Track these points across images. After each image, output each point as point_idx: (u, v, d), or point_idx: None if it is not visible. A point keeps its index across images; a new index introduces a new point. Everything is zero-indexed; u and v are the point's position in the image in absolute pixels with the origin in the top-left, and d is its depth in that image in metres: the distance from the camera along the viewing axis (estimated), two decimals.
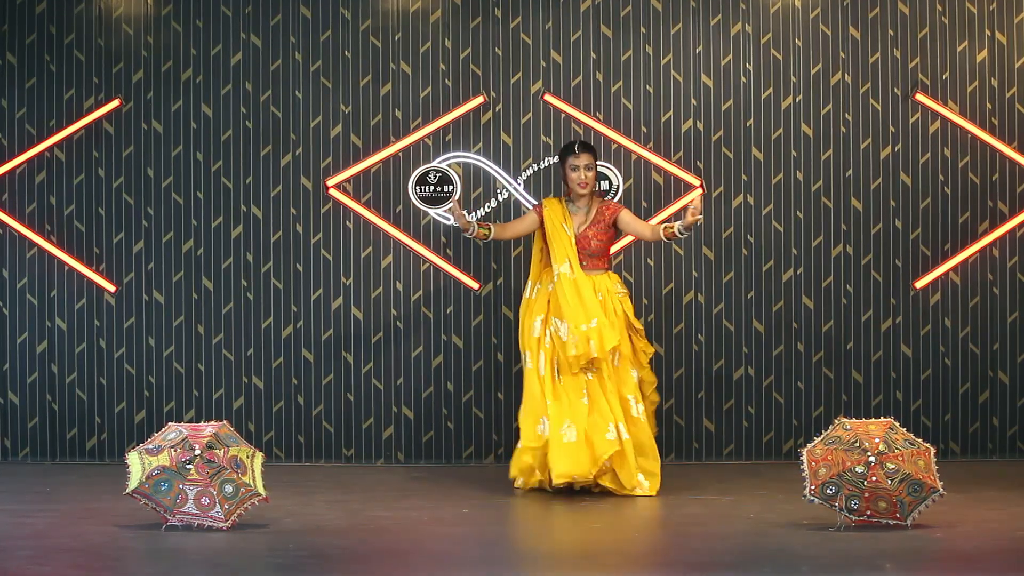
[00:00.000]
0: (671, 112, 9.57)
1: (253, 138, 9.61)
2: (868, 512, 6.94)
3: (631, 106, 9.56)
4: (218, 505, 6.95)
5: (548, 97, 9.53)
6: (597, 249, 8.60)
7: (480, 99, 9.53)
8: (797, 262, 9.57)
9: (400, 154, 9.57)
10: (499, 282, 9.55)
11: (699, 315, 9.56)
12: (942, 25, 9.56)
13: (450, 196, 9.44)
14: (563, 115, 9.53)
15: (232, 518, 6.98)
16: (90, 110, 9.60)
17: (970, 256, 9.54)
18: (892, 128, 9.56)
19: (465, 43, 9.59)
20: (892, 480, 6.87)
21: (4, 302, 9.63)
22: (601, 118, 9.54)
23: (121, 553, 6.58)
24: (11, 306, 9.62)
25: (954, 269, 9.55)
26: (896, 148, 9.56)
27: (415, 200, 9.53)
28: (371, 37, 9.61)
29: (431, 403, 9.58)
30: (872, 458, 6.87)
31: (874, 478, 6.86)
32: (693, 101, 9.56)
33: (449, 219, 9.48)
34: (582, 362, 8.39)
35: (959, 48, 9.55)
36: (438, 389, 9.58)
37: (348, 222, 9.59)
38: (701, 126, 9.56)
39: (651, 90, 9.57)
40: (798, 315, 9.57)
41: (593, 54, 9.57)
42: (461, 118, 9.57)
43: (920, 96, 9.51)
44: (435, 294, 9.58)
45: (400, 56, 9.60)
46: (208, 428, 7.11)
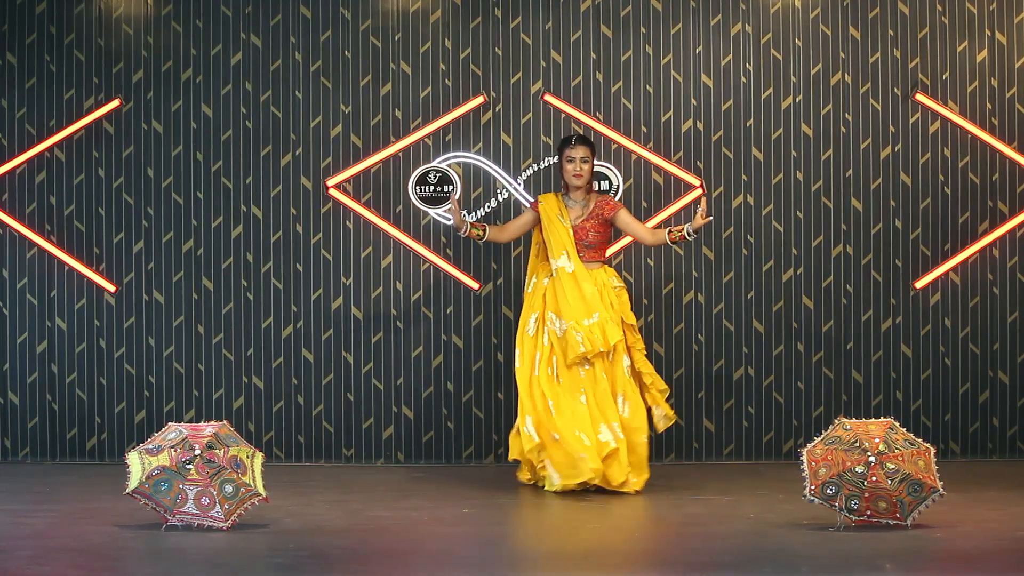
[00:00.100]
0: (671, 112, 9.57)
1: (253, 138, 9.61)
2: (868, 512, 6.94)
3: (631, 106, 9.56)
4: (218, 505, 6.94)
5: (548, 97, 9.53)
6: (595, 241, 8.59)
7: (480, 99, 9.53)
8: (797, 262, 9.57)
9: (400, 154, 9.57)
10: (499, 282, 9.55)
11: (699, 315, 9.56)
12: (942, 25, 9.56)
13: (450, 196, 9.44)
14: (563, 115, 9.53)
15: (232, 518, 6.98)
16: (90, 110, 9.60)
17: (970, 256, 9.54)
18: (892, 128, 9.56)
19: (465, 43, 9.58)
20: (892, 480, 6.86)
21: (4, 302, 9.63)
22: (601, 118, 9.54)
23: (121, 553, 6.57)
24: (11, 306, 9.62)
25: (954, 269, 9.55)
26: (896, 148, 9.56)
27: (415, 200, 9.53)
28: (371, 37, 9.61)
29: (431, 403, 9.58)
30: (872, 458, 6.87)
31: (874, 478, 6.86)
32: (693, 101, 9.56)
33: (449, 219, 9.48)
34: (581, 357, 8.39)
35: (959, 48, 9.55)
36: (438, 389, 9.58)
37: (348, 222, 9.58)
38: (701, 126, 9.56)
39: (651, 90, 9.57)
40: (798, 315, 9.57)
41: (593, 54, 9.57)
42: (461, 118, 9.57)
43: (920, 96, 9.51)
44: (435, 294, 9.58)
45: (400, 56, 9.60)
46: (208, 428, 7.11)
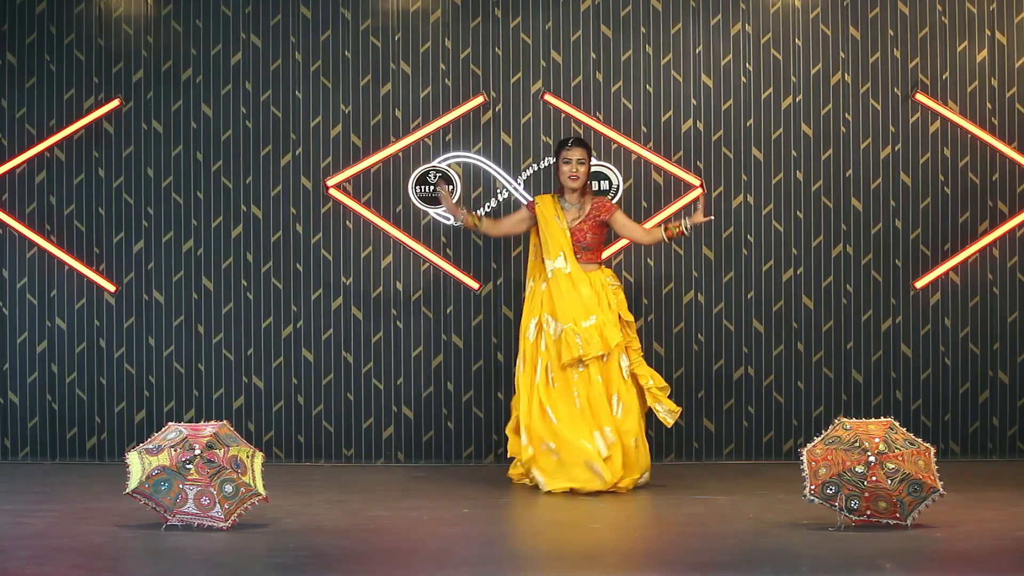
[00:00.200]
0: (671, 112, 9.57)
1: (253, 138, 9.61)
2: (868, 512, 6.94)
3: (631, 106, 9.56)
4: (218, 505, 6.94)
5: (548, 97, 9.52)
6: (592, 243, 8.61)
7: (480, 99, 9.52)
8: (797, 262, 9.57)
9: (400, 154, 9.57)
10: (499, 282, 9.55)
11: (699, 315, 9.56)
12: (942, 25, 9.56)
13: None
14: (563, 115, 9.53)
15: (232, 518, 6.97)
16: (90, 110, 9.60)
17: (970, 256, 9.54)
18: (892, 128, 9.56)
19: (465, 43, 9.58)
20: (892, 480, 6.86)
21: (4, 302, 9.63)
22: (601, 118, 9.54)
23: (121, 553, 6.57)
24: (11, 306, 9.62)
25: (954, 269, 9.55)
26: (896, 148, 9.56)
27: (415, 200, 9.53)
28: (371, 37, 9.61)
29: (431, 403, 9.58)
30: (872, 458, 6.87)
31: (874, 478, 6.86)
32: (693, 101, 9.56)
33: (450, 219, 9.48)
34: (577, 360, 8.40)
35: (959, 48, 9.55)
36: (438, 389, 9.58)
37: (348, 222, 9.58)
38: (701, 126, 9.56)
39: (651, 90, 9.56)
40: (798, 315, 9.57)
41: (593, 54, 9.57)
42: (461, 118, 9.56)
43: (920, 96, 9.51)
44: (435, 294, 9.58)
45: (400, 56, 9.60)
46: (208, 428, 7.10)
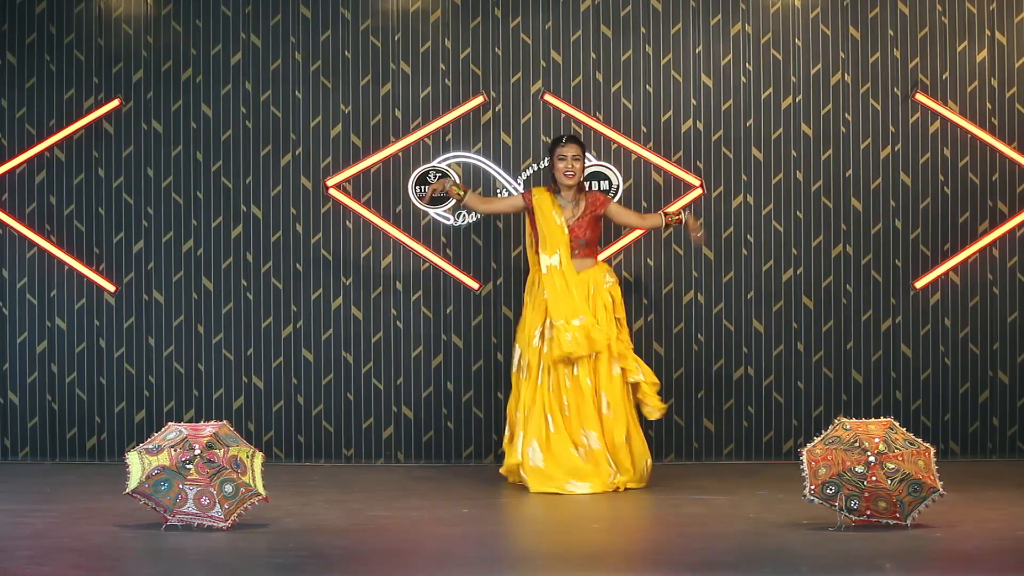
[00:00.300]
0: (671, 112, 9.57)
1: (253, 138, 9.61)
2: (868, 512, 6.94)
3: (631, 106, 9.56)
4: (218, 505, 6.94)
5: (548, 97, 9.52)
6: (590, 239, 8.65)
7: (480, 99, 9.52)
8: (797, 262, 9.57)
9: (400, 154, 9.57)
10: (499, 282, 9.55)
11: (699, 315, 9.56)
12: (942, 25, 9.56)
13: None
14: (563, 115, 9.53)
15: (232, 518, 6.97)
16: (90, 110, 9.60)
17: (970, 256, 9.54)
18: (892, 128, 9.56)
19: (465, 43, 9.58)
20: (892, 480, 6.86)
21: (4, 302, 9.63)
22: (601, 118, 9.53)
23: (121, 553, 6.57)
24: (11, 306, 9.62)
25: (954, 269, 9.55)
26: (896, 148, 9.56)
27: (415, 200, 9.53)
28: (371, 37, 9.61)
29: (431, 403, 9.57)
30: (872, 458, 6.87)
31: (874, 478, 6.86)
32: (693, 101, 9.56)
33: (449, 219, 9.49)
34: (566, 356, 8.43)
35: (959, 48, 9.55)
36: (438, 389, 9.58)
37: (348, 222, 9.58)
38: (701, 126, 9.56)
39: (651, 90, 9.56)
40: (798, 315, 9.57)
41: (593, 54, 9.56)
42: (461, 118, 9.56)
43: (920, 96, 9.50)
44: (435, 294, 9.58)
45: (400, 56, 9.59)
46: (208, 428, 7.10)
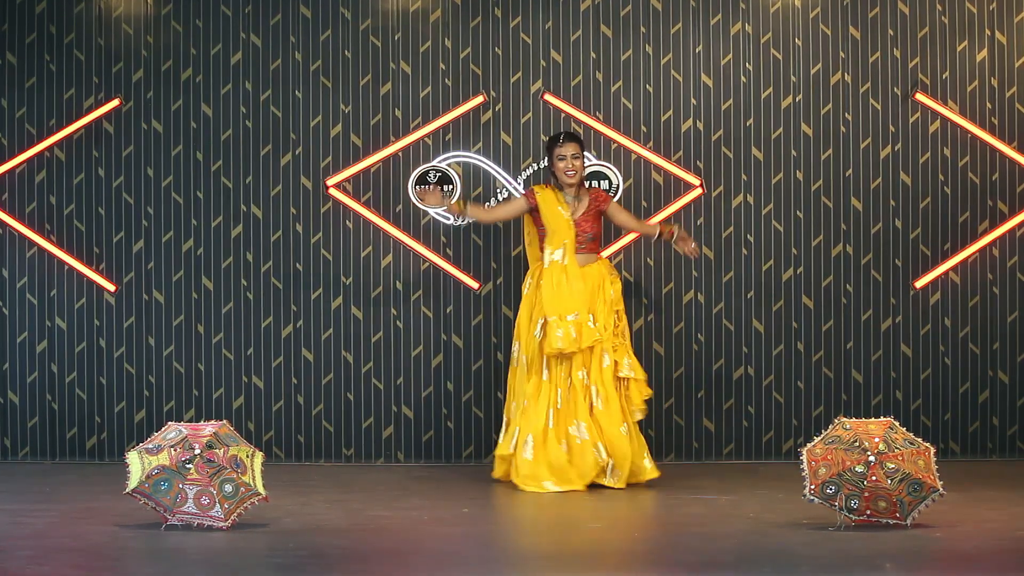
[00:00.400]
0: (671, 112, 9.57)
1: (253, 138, 9.61)
2: (868, 512, 6.93)
3: (631, 106, 9.56)
4: (218, 504, 6.94)
5: (548, 97, 9.52)
6: (596, 233, 8.69)
7: (480, 99, 9.52)
8: (797, 262, 9.57)
9: (400, 154, 9.57)
10: (499, 282, 9.55)
11: (699, 315, 9.56)
12: (942, 25, 9.56)
13: (450, 195, 9.44)
14: (563, 115, 9.53)
15: (232, 518, 6.97)
16: (90, 110, 9.60)
17: (970, 256, 9.54)
18: (892, 128, 9.56)
19: (465, 43, 9.58)
20: (892, 480, 6.86)
21: (4, 302, 9.62)
22: (601, 118, 9.53)
23: (121, 553, 6.57)
24: (11, 306, 9.62)
25: (954, 269, 9.55)
26: (896, 148, 9.56)
27: (415, 200, 9.53)
28: (371, 37, 9.61)
29: (431, 403, 9.57)
30: (872, 457, 6.87)
31: (874, 478, 6.86)
32: (693, 101, 9.56)
33: (449, 218, 9.49)
34: (559, 351, 8.46)
35: (959, 48, 9.55)
36: (438, 389, 9.58)
37: (348, 222, 9.58)
38: (701, 126, 9.56)
39: (651, 90, 9.56)
40: (798, 315, 9.57)
41: (593, 54, 9.56)
42: (461, 118, 9.56)
43: (920, 96, 9.50)
44: (435, 294, 9.58)
45: (400, 56, 9.59)
46: (208, 427, 7.10)
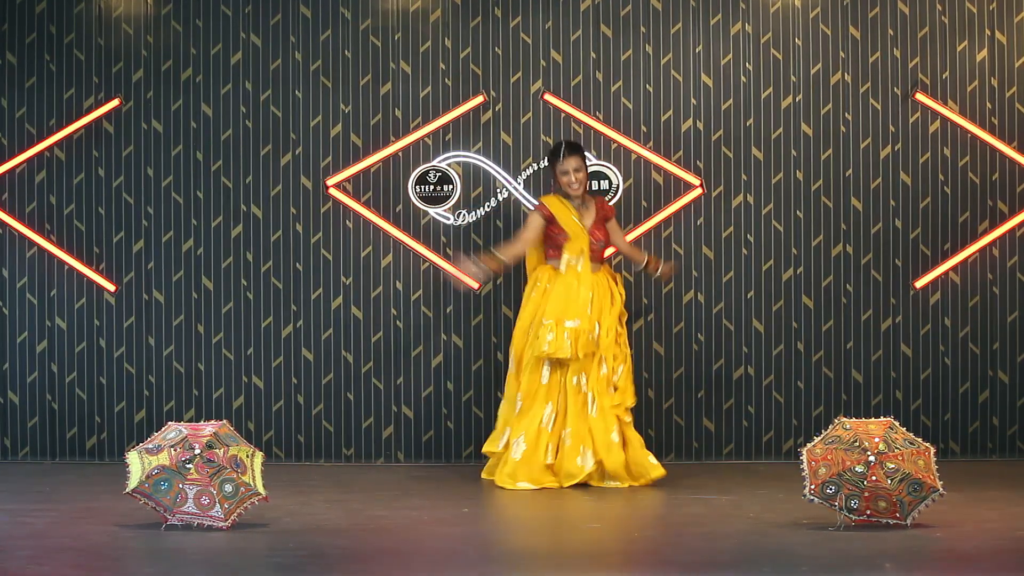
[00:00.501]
0: (671, 112, 9.56)
1: (253, 138, 9.61)
2: (868, 512, 6.93)
3: (631, 106, 9.56)
4: (218, 504, 6.94)
5: (548, 97, 9.52)
6: (606, 240, 8.73)
7: (480, 99, 9.52)
8: (797, 262, 9.57)
9: (400, 153, 9.57)
10: (499, 282, 9.55)
11: (699, 315, 9.56)
12: (942, 25, 9.56)
13: (450, 195, 9.45)
14: (563, 115, 9.53)
15: (232, 517, 6.97)
16: (90, 109, 9.60)
17: (970, 256, 9.54)
18: (892, 128, 9.56)
19: (465, 43, 9.58)
20: (892, 480, 6.86)
21: (4, 302, 9.62)
22: (601, 118, 9.53)
23: (121, 553, 6.57)
24: (11, 306, 9.62)
25: (954, 269, 9.55)
26: (896, 148, 9.56)
27: (415, 199, 9.53)
28: (371, 37, 9.61)
29: (431, 403, 9.57)
30: (872, 457, 6.87)
31: (874, 478, 6.86)
32: (693, 101, 9.56)
33: (449, 218, 9.49)
34: (545, 355, 8.48)
35: (959, 48, 9.55)
36: (438, 389, 9.58)
37: (348, 222, 9.58)
38: (701, 126, 9.56)
39: (651, 90, 9.56)
40: (798, 315, 9.57)
41: (593, 54, 9.56)
42: (461, 117, 9.56)
43: (920, 96, 9.50)
44: (435, 294, 9.58)
45: (400, 56, 9.59)
46: (208, 427, 7.10)
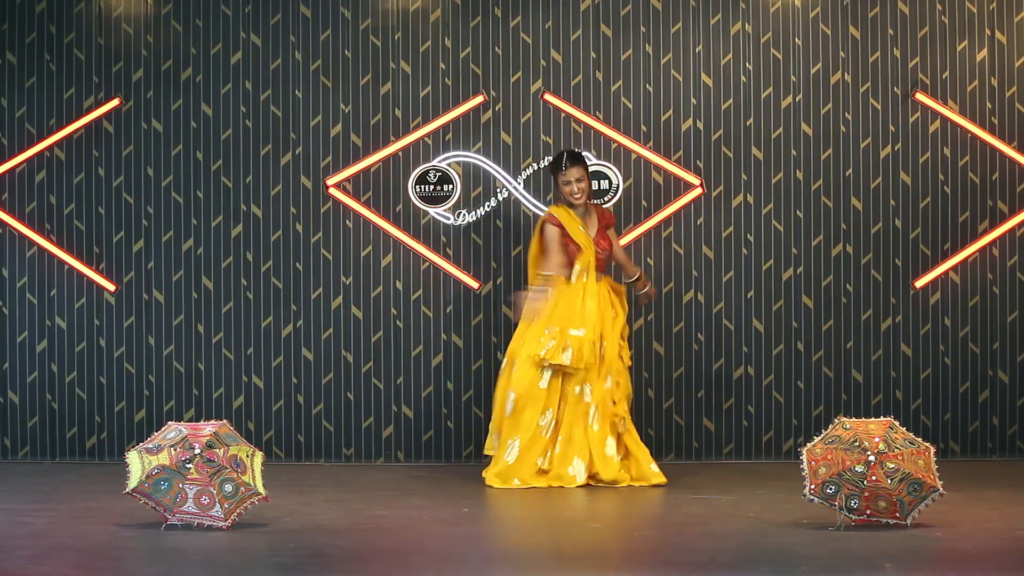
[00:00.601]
0: (671, 111, 9.57)
1: (253, 137, 9.61)
2: (868, 512, 6.93)
3: (631, 105, 9.56)
4: (218, 504, 6.94)
5: (548, 96, 9.52)
6: (610, 250, 8.72)
7: (480, 98, 9.52)
8: (797, 262, 9.57)
9: (400, 153, 9.57)
10: (499, 281, 9.55)
11: (699, 315, 9.56)
12: (942, 25, 9.56)
13: (450, 195, 9.46)
14: (563, 114, 9.53)
15: (232, 517, 6.97)
16: (90, 109, 9.60)
17: (970, 255, 9.54)
18: (892, 128, 9.56)
19: (465, 42, 9.58)
20: (892, 479, 6.86)
21: (4, 301, 9.62)
22: (601, 117, 9.53)
23: (121, 553, 6.57)
24: (11, 305, 9.62)
25: (954, 268, 9.55)
26: (896, 148, 9.56)
27: (415, 199, 9.53)
28: (371, 36, 9.61)
29: (431, 402, 9.57)
30: (872, 457, 6.87)
31: (874, 477, 6.85)
32: (693, 100, 9.56)
33: (449, 218, 9.50)
34: (541, 359, 8.48)
35: (959, 48, 9.55)
36: (438, 388, 9.58)
37: (348, 221, 9.58)
38: (701, 125, 9.56)
39: (651, 89, 9.56)
40: (798, 314, 9.57)
41: (593, 53, 9.56)
42: (461, 117, 9.56)
43: (920, 95, 9.51)
44: (435, 294, 9.58)
45: (400, 55, 9.59)
46: (208, 427, 7.09)
